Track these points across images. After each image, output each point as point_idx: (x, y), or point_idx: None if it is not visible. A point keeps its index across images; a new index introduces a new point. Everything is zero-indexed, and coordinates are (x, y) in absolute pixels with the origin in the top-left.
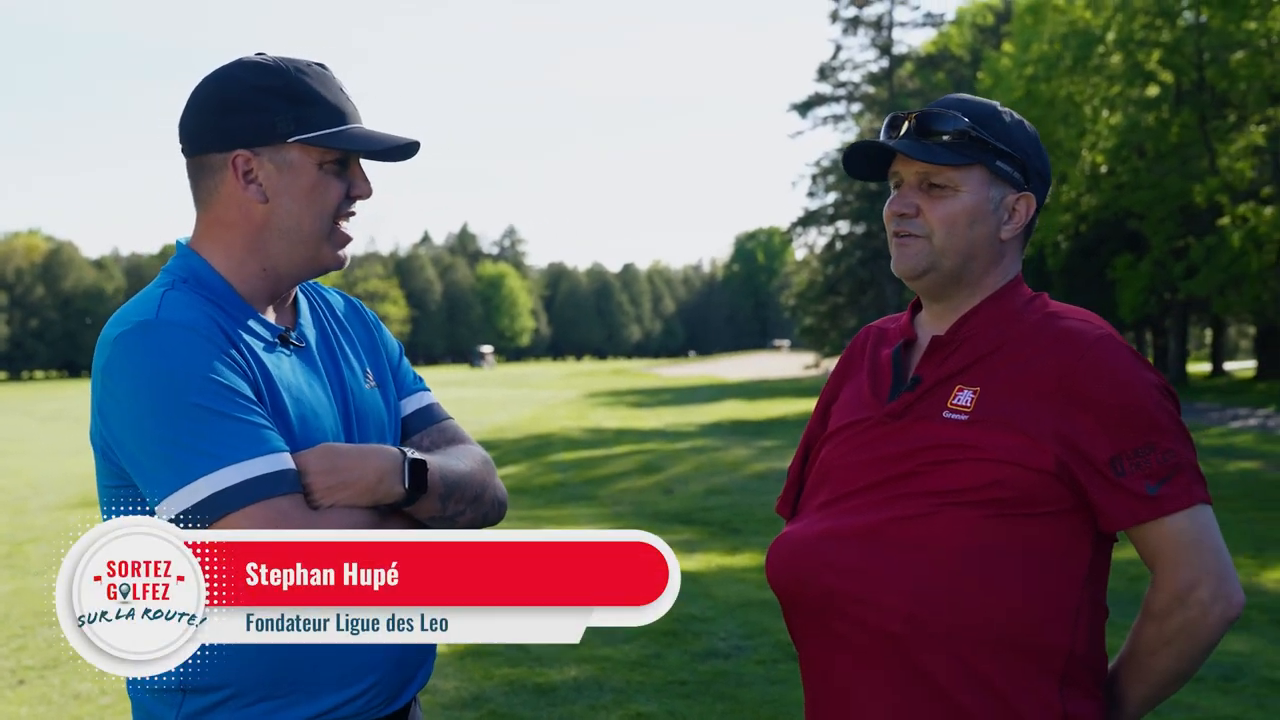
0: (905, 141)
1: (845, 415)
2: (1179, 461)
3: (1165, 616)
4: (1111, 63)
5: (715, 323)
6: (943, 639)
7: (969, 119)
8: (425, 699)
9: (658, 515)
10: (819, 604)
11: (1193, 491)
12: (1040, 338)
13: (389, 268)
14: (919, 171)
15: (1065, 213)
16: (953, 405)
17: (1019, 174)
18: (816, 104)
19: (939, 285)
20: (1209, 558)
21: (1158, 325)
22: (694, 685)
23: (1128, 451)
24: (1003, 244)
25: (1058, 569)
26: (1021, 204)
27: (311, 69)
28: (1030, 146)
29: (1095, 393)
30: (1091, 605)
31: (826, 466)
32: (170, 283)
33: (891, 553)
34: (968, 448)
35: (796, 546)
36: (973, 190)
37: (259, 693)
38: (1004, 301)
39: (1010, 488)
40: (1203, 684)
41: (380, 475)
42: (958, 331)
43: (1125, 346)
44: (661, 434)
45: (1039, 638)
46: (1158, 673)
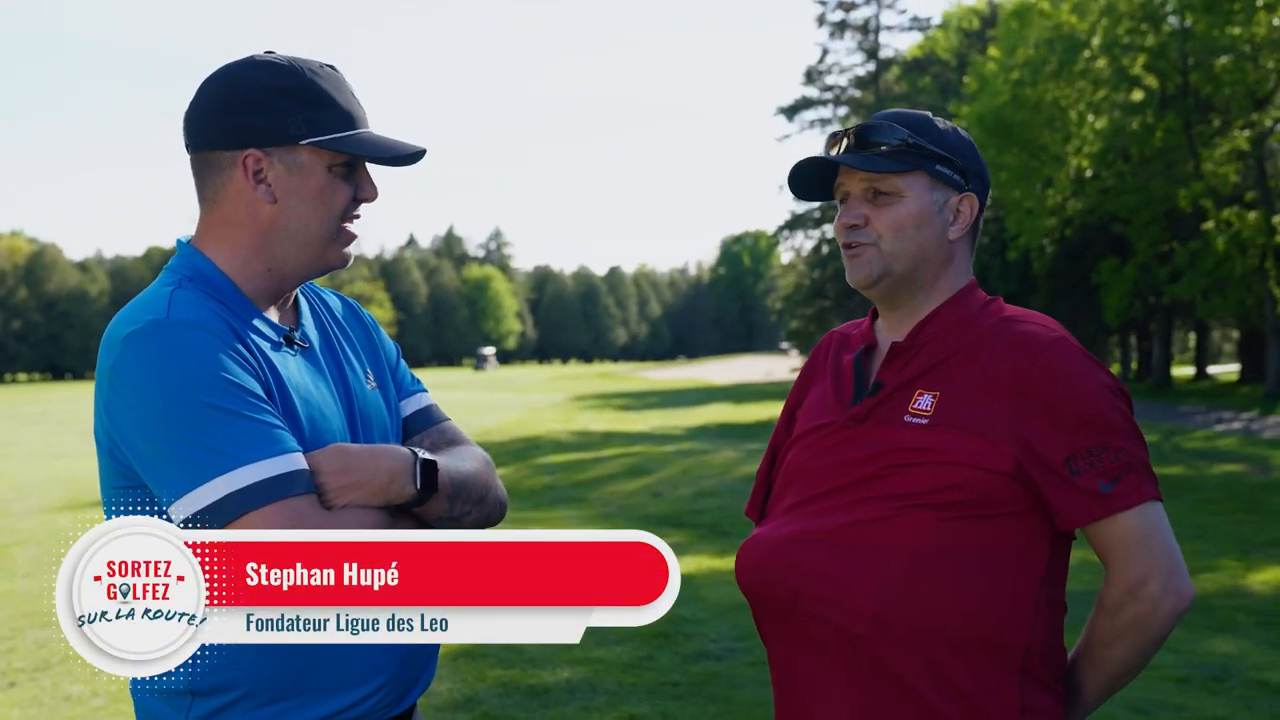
0: (849, 155)
1: (810, 420)
2: (1130, 460)
3: (1117, 610)
4: (1096, 67)
5: (702, 326)
6: (906, 638)
7: (906, 128)
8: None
9: (647, 518)
10: (786, 605)
11: (1144, 489)
12: (996, 342)
13: (374, 270)
14: (864, 183)
15: (1050, 217)
16: (913, 409)
17: (958, 176)
18: (803, 107)
19: (893, 291)
20: (1159, 553)
21: (1142, 329)
22: (686, 687)
23: (1081, 451)
24: (951, 245)
25: (1016, 568)
26: (965, 204)
27: (324, 71)
28: (966, 149)
29: (1050, 395)
30: (1050, 602)
31: (792, 470)
32: (177, 281)
33: (855, 555)
34: (928, 451)
35: (764, 549)
36: (917, 195)
37: (268, 695)
38: (960, 306)
39: (969, 490)
40: (1190, 685)
41: (392, 475)
42: (916, 336)
43: (1078, 349)
44: (649, 437)
45: (999, 635)
46: (1111, 664)
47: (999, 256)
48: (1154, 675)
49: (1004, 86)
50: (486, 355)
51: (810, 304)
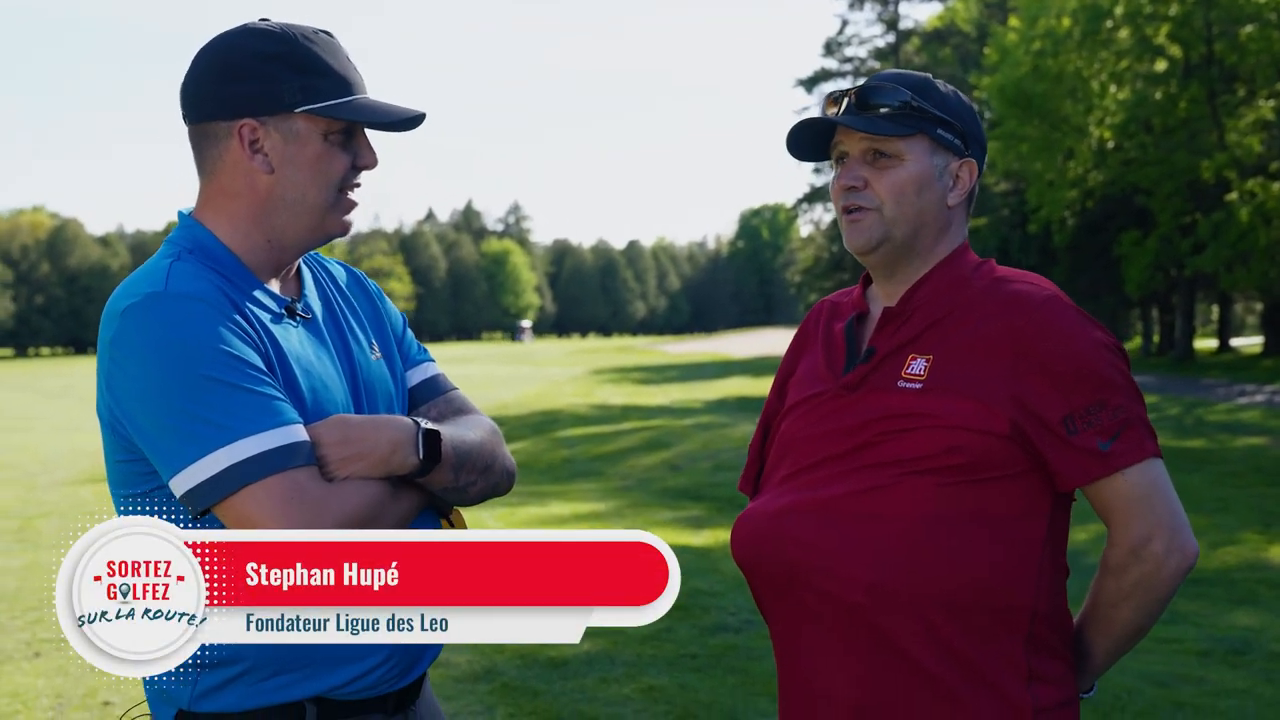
0: (850, 116)
1: (802, 390)
2: (1129, 417)
3: (1122, 571)
4: (1119, 37)
5: (720, 299)
6: (906, 607)
7: (909, 90)
8: (437, 673)
9: (665, 491)
10: (784, 578)
11: (1144, 446)
12: (989, 302)
13: (393, 245)
14: (863, 144)
15: (1072, 189)
16: (906, 374)
17: (959, 141)
18: (822, 79)
19: (892, 257)
20: (1162, 511)
21: (1164, 301)
22: (704, 659)
23: (1079, 410)
24: (949, 210)
25: (1017, 531)
26: (964, 170)
27: (319, 37)
28: (966, 114)
29: (1045, 353)
30: (1053, 565)
31: (786, 441)
32: (176, 254)
33: (851, 525)
34: (923, 416)
35: (759, 522)
36: (917, 159)
37: (273, 668)
38: (951, 269)
39: (966, 453)
40: (1211, 658)
41: (394, 446)
42: (908, 301)
43: (1073, 307)
44: (668, 410)
45: (1003, 600)
46: (1118, 625)
47: (1019, 229)
48: (1175, 648)
49: (1025, 57)
50: (524, 328)
51: (829, 277)
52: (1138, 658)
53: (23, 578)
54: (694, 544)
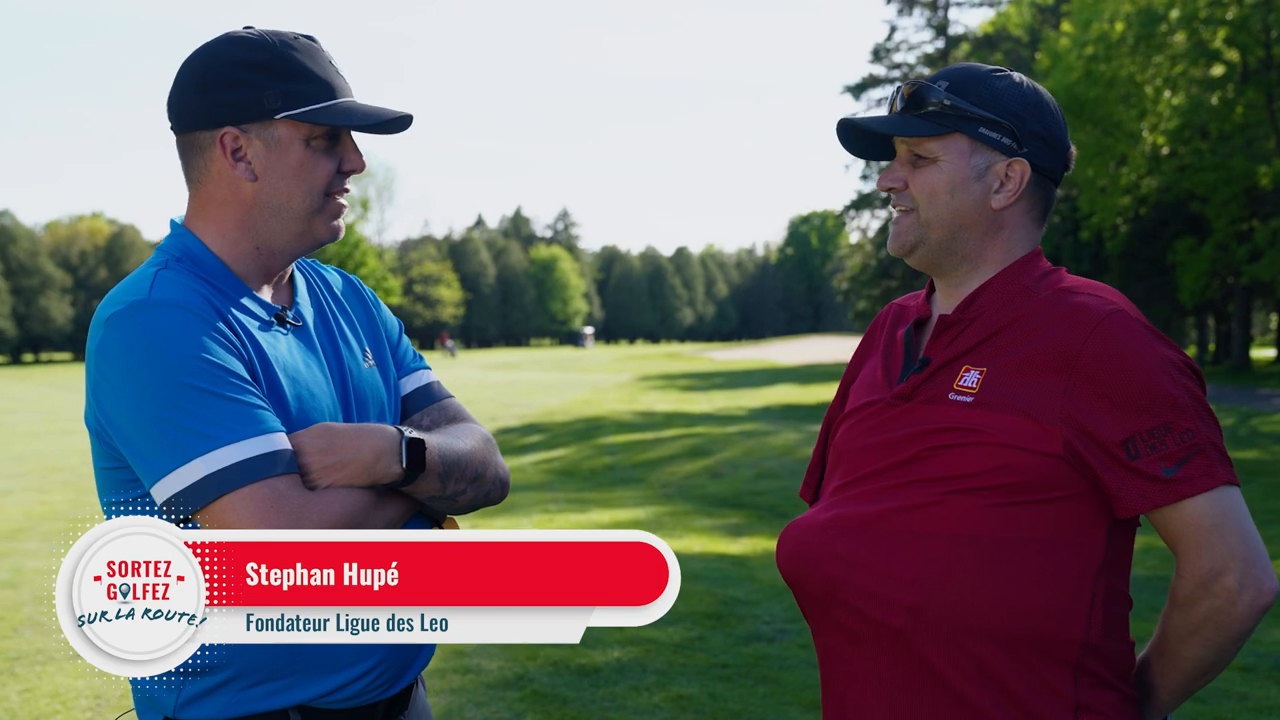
0: (884, 117)
1: (860, 397)
2: (1198, 442)
3: (1191, 604)
4: (1175, 41)
5: (768, 306)
6: (947, 632)
7: (947, 86)
8: (467, 679)
9: (706, 498)
10: (823, 593)
11: (1215, 473)
12: (1049, 315)
13: (442, 251)
14: (905, 145)
15: (1124, 195)
16: (959, 387)
17: (1008, 139)
18: (870, 86)
19: (931, 259)
20: (1235, 542)
21: (1220, 310)
22: (736, 669)
23: (1142, 432)
24: (997, 213)
25: (1069, 557)
26: (1014, 169)
27: (299, 42)
28: (1024, 109)
29: (1104, 371)
30: (1108, 594)
31: (840, 450)
32: (164, 262)
33: (895, 543)
34: (972, 431)
35: (802, 535)
36: (952, 159)
37: (259, 675)
38: (1014, 278)
39: (1016, 473)
40: (1255, 674)
41: (377, 455)
42: (965, 310)
43: (1139, 322)
44: (712, 417)
45: (1050, 629)
46: (1186, 661)
47: (1071, 236)
48: None
49: (1077, 62)
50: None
51: (877, 284)
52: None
53: None
54: (732, 552)
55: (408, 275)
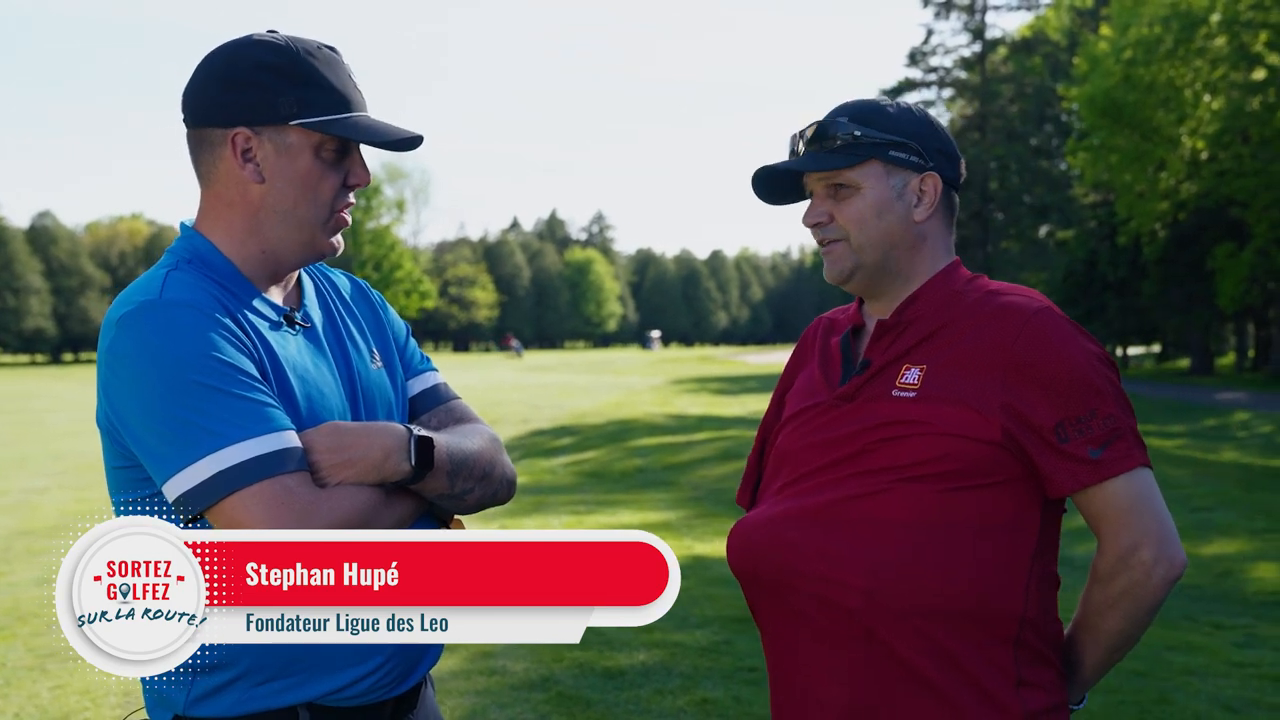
0: (800, 158)
1: (799, 402)
2: (1119, 427)
3: (1110, 579)
4: (1215, 45)
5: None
6: (900, 612)
7: (852, 120)
8: (492, 680)
9: (735, 502)
10: (778, 582)
11: (1133, 455)
12: (981, 314)
13: (477, 253)
14: (822, 181)
15: (1163, 200)
16: (901, 384)
17: (916, 157)
18: (907, 89)
19: (869, 281)
20: (1150, 520)
21: (1260, 316)
22: (762, 673)
23: (1070, 418)
24: (920, 226)
25: (1009, 538)
26: (927, 183)
27: (321, 52)
28: (921, 129)
29: (1038, 363)
30: (1043, 573)
31: (782, 452)
32: (174, 263)
33: (847, 530)
34: (916, 423)
35: (754, 528)
36: (873, 185)
37: (268, 672)
38: (943, 284)
39: (959, 460)
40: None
41: (386, 452)
42: (902, 314)
43: (1064, 318)
44: (744, 421)
45: (993, 606)
46: (1107, 634)
47: (1108, 241)
48: (1250, 673)
49: (1116, 67)
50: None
51: None
52: (1210, 681)
53: None
54: None
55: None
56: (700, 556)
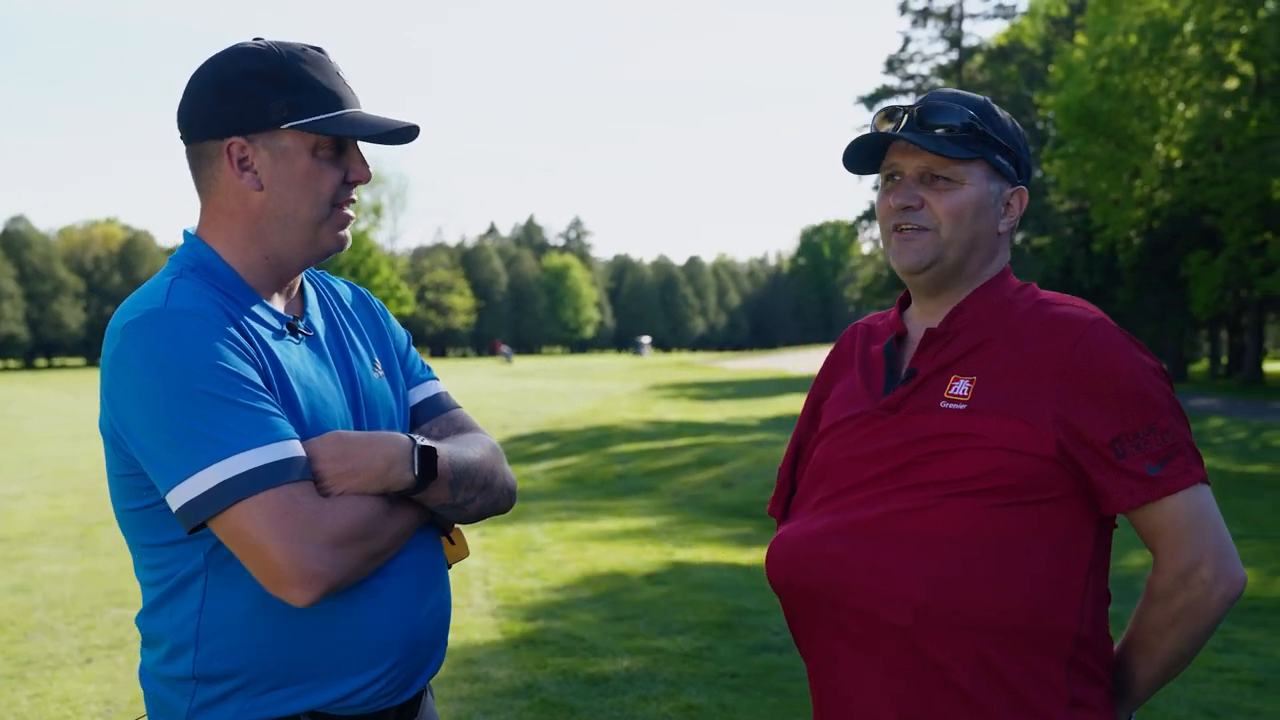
0: (914, 133)
1: (838, 412)
2: (1177, 442)
3: (1169, 597)
4: (1189, 54)
5: (781, 316)
6: (952, 629)
7: (972, 111)
8: (475, 687)
9: (716, 508)
10: (823, 598)
11: (1192, 471)
12: (1034, 325)
13: (455, 259)
14: (921, 164)
15: (1138, 208)
16: (950, 395)
17: (1013, 168)
18: (884, 96)
19: (941, 278)
20: (1210, 537)
21: (1233, 323)
22: (745, 678)
23: (1128, 434)
24: (999, 237)
25: (1063, 554)
26: (1015, 198)
27: (306, 53)
28: (1022, 140)
29: (1093, 376)
30: (1096, 590)
31: (822, 463)
32: (178, 271)
33: (898, 545)
34: (967, 436)
35: (797, 543)
36: (976, 184)
37: (271, 680)
38: (994, 292)
39: (1012, 475)
40: (1266, 688)
41: (390, 462)
42: (950, 323)
43: (1119, 330)
44: (723, 427)
45: (1047, 624)
46: (1164, 653)
47: (1083, 248)
48: (1229, 677)
49: (1091, 75)
50: (643, 343)
51: (889, 295)
52: (1190, 686)
53: (79, 584)
54: (742, 562)
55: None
56: (681, 563)
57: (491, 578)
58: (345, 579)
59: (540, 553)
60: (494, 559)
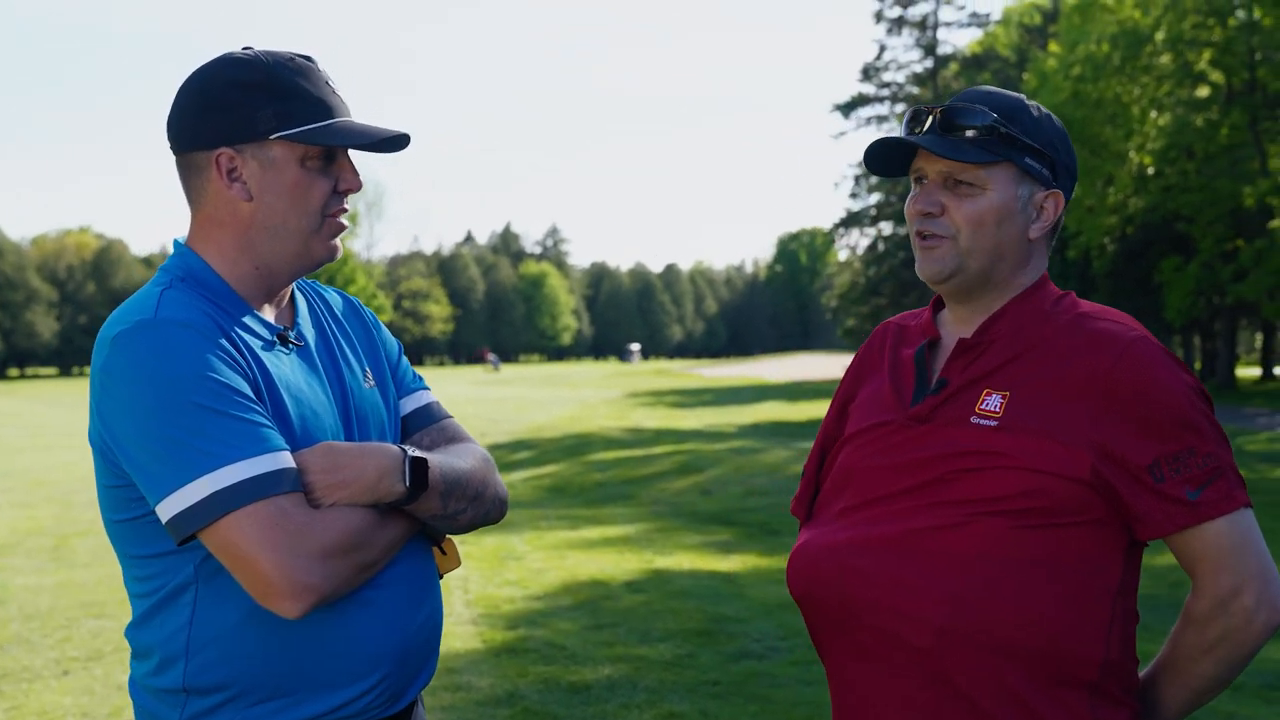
0: (930, 138)
1: (866, 417)
2: (1219, 465)
3: (1207, 623)
4: (1161, 63)
5: (757, 323)
6: (974, 650)
7: (997, 114)
8: (457, 696)
9: (695, 516)
10: (844, 613)
11: (1235, 496)
12: (1071, 339)
13: (431, 266)
14: (943, 169)
15: (1111, 215)
16: (981, 410)
17: (1048, 171)
18: (860, 104)
19: (965, 287)
20: (1253, 563)
21: (1206, 329)
22: (727, 686)
23: (1167, 456)
24: (1031, 243)
25: (1091, 579)
26: (1050, 202)
27: (295, 63)
28: (1059, 141)
29: (1133, 396)
30: (1124, 613)
31: (847, 470)
32: (168, 281)
33: (923, 563)
34: (998, 455)
35: (820, 555)
36: (1000, 189)
37: (262, 693)
38: (1031, 302)
39: (1042, 497)
40: (1243, 692)
41: (381, 473)
42: (985, 333)
43: (1160, 348)
44: (701, 434)
45: (1071, 648)
46: (1198, 679)
47: (1058, 255)
48: None
49: (1065, 83)
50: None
51: (866, 302)
52: None
53: (55, 595)
54: (722, 569)
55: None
56: (661, 570)
57: (472, 586)
58: (336, 590)
59: (520, 561)
60: (474, 568)
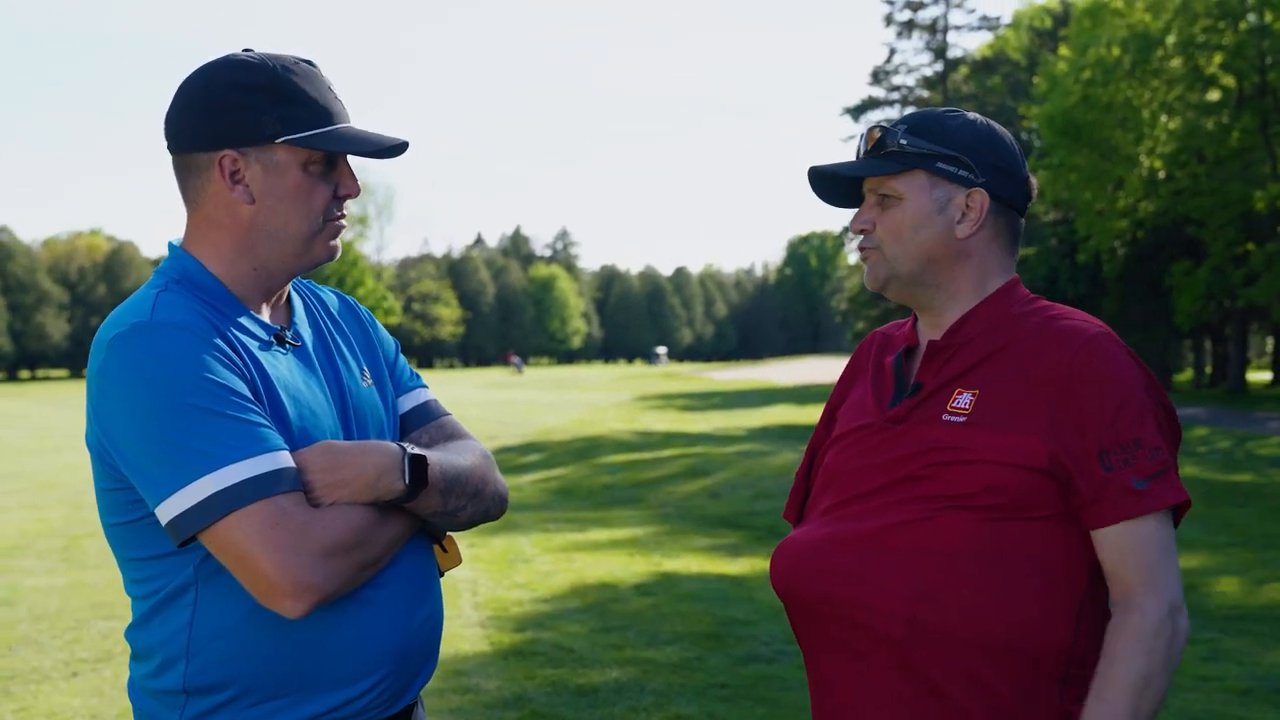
0: (847, 162)
1: (849, 421)
2: (1166, 460)
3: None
4: (1171, 66)
5: (767, 327)
6: (944, 643)
7: (906, 127)
8: (465, 699)
9: (704, 519)
10: (819, 608)
11: (1178, 493)
12: (1039, 338)
13: (441, 269)
14: (872, 186)
15: (1122, 219)
16: (952, 408)
17: (965, 171)
18: (870, 107)
19: (906, 292)
20: (1173, 559)
21: (1217, 333)
22: (735, 689)
23: (1117, 446)
24: (962, 242)
25: (1059, 572)
26: (974, 199)
27: (299, 67)
28: (978, 143)
29: (1088, 387)
30: (1093, 606)
31: (831, 472)
32: (164, 284)
33: (892, 558)
34: (963, 449)
35: (798, 552)
36: (915, 196)
37: (262, 693)
38: (999, 304)
39: (1007, 492)
40: (1252, 696)
41: (380, 471)
42: (954, 336)
43: (1120, 345)
44: (710, 437)
45: (1041, 640)
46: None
47: (1068, 259)
48: (1216, 686)
49: (1075, 86)
50: (660, 353)
51: (875, 305)
52: (1177, 695)
53: (65, 597)
54: (730, 572)
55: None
56: (669, 573)
57: (480, 589)
58: (337, 589)
59: (529, 564)
60: (482, 570)
